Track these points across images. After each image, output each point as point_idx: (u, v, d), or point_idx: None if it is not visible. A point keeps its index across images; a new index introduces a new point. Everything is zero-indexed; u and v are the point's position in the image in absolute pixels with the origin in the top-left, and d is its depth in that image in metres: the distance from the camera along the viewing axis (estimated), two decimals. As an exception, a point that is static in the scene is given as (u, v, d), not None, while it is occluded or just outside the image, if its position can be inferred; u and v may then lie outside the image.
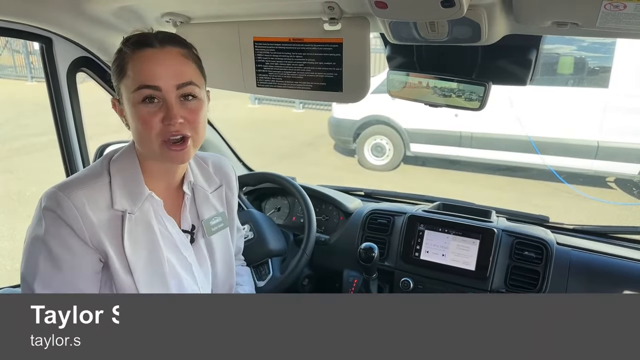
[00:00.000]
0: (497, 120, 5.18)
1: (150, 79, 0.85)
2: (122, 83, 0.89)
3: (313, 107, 9.39)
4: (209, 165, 1.10)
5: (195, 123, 0.89)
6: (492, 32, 0.99)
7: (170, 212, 0.99)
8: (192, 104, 0.89)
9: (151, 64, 0.86)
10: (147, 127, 0.86)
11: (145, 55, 0.87)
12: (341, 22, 1.12)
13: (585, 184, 5.14)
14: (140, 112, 0.86)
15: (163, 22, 1.30)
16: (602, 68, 5.02)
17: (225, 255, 1.09)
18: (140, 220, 0.92)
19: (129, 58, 0.87)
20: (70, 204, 0.85)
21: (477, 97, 1.14)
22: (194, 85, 0.89)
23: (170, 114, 0.85)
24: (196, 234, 1.03)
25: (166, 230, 0.97)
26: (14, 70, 12.64)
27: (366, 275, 1.49)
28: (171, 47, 0.89)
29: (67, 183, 0.89)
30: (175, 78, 0.87)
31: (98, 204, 0.88)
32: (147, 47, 0.87)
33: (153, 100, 0.86)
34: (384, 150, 5.97)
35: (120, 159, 0.95)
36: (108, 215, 0.89)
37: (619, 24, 0.83)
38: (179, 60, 0.89)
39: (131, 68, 0.87)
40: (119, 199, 0.90)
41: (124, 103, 0.90)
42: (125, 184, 0.92)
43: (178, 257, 0.98)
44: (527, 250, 1.43)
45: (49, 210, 0.86)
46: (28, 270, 0.88)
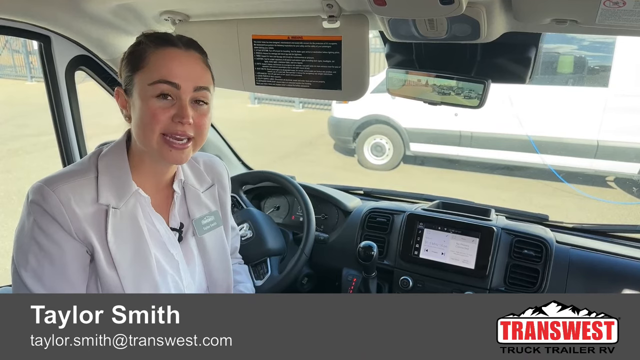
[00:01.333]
0: (497, 120, 5.18)
1: (172, 76, 0.88)
2: (138, 74, 0.90)
3: (313, 107, 9.39)
4: (200, 164, 1.11)
5: (201, 127, 0.92)
6: (491, 29, 0.99)
7: (159, 209, 0.99)
8: (202, 109, 0.92)
9: (175, 62, 0.89)
10: (154, 121, 0.87)
11: (169, 53, 0.89)
12: (340, 20, 1.12)
13: (585, 183, 5.14)
14: (152, 106, 0.87)
15: (162, 20, 1.30)
16: (601, 67, 5.02)
17: (220, 255, 1.09)
18: (126, 216, 0.92)
19: (152, 52, 0.89)
20: (55, 198, 0.86)
21: (476, 94, 1.14)
22: (208, 91, 0.93)
23: (183, 113, 0.88)
24: (185, 232, 1.03)
25: (153, 227, 0.97)
26: (14, 70, 12.63)
27: (365, 274, 1.49)
28: (194, 51, 0.93)
29: (53, 177, 0.90)
30: (195, 81, 0.90)
31: (83, 198, 0.89)
32: (172, 46, 0.90)
33: (167, 97, 0.88)
34: (384, 149, 5.97)
35: (109, 154, 0.95)
36: (93, 209, 0.89)
37: (619, 20, 0.83)
38: (200, 65, 0.93)
39: (153, 62, 0.89)
40: (105, 193, 0.91)
41: (134, 94, 0.90)
42: (112, 179, 0.92)
43: (165, 254, 0.98)
44: (526, 248, 1.43)
45: (35, 204, 0.87)
46: (19, 263, 0.89)
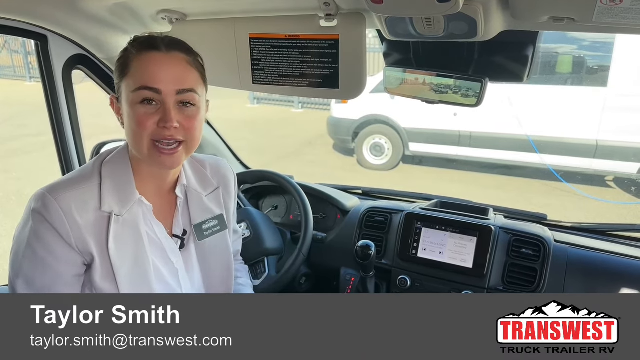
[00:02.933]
0: (496, 120, 5.18)
1: (152, 81, 0.86)
2: (124, 82, 0.89)
3: (312, 107, 9.39)
4: (206, 168, 1.09)
5: (190, 129, 0.90)
6: (489, 27, 0.98)
7: (160, 216, 0.99)
8: (189, 111, 0.90)
9: (155, 66, 0.87)
10: (141, 127, 0.86)
11: (150, 57, 0.87)
12: (337, 19, 1.11)
13: (584, 183, 5.14)
14: (137, 112, 0.86)
15: (159, 19, 1.30)
16: (600, 67, 5.03)
17: (221, 260, 1.07)
18: (128, 224, 0.92)
19: (134, 58, 0.88)
20: (57, 206, 0.86)
21: (473, 93, 1.14)
22: (194, 93, 0.90)
23: (166, 118, 0.86)
24: (187, 239, 1.02)
25: (154, 235, 0.97)
26: (13, 70, 12.64)
27: (363, 273, 1.49)
28: (177, 52, 0.89)
29: (56, 185, 0.89)
30: (177, 83, 0.87)
31: (86, 206, 0.88)
32: (153, 49, 0.88)
33: (151, 102, 0.87)
34: (383, 149, 5.97)
35: (113, 160, 0.95)
36: (95, 216, 0.89)
37: (616, 18, 0.83)
38: (183, 67, 0.89)
39: (134, 68, 0.87)
40: (108, 200, 0.90)
41: (122, 102, 0.90)
42: (115, 187, 0.92)
43: (165, 263, 0.98)
44: (524, 247, 1.43)
45: (36, 212, 0.87)
46: (13, 268, 0.89)
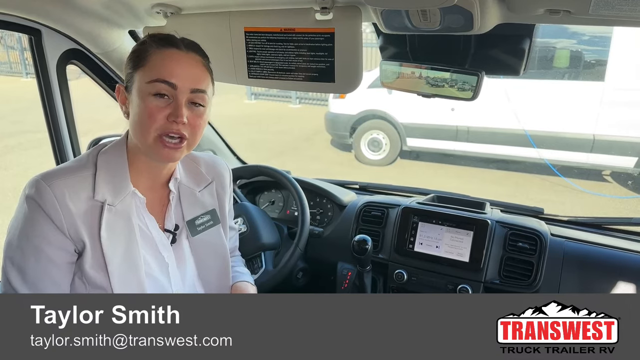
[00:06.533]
0: (494, 114, 5.18)
1: (169, 76, 0.89)
2: (138, 72, 0.91)
3: (310, 102, 9.36)
4: (200, 164, 1.10)
5: (196, 127, 0.93)
6: (485, 20, 0.98)
7: (153, 210, 1.00)
8: (198, 110, 0.93)
9: (174, 62, 0.91)
10: (150, 119, 0.89)
11: (170, 54, 0.91)
12: (333, 12, 1.11)
13: (581, 178, 5.15)
14: (149, 104, 0.89)
15: (153, 13, 1.29)
16: (598, 61, 5.02)
17: (216, 255, 1.08)
18: (120, 214, 0.93)
19: (153, 51, 0.91)
20: (50, 193, 0.87)
21: (470, 87, 1.14)
22: (205, 94, 0.94)
23: (177, 112, 0.89)
24: (179, 234, 1.03)
25: (146, 228, 0.97)
26: (9, 66, 12.56)
27: (360, 268, 1.49)
28: (194, 54, 0.94)
29: (51, 172, 0.90)
30: (192, 82, 0.91)
31: (79, 194, 0.89)
32: (173, 47, 0.92)
33: (164, 96, 0.89)
34: (381, 145, 5.97)
35: (109, 152, 0.96)
36: (88, 205, 0.90)
37: (612, 10, 0.83)
38: (200, 68, 0.94)
39: (153, 61, 0.90)
40: (101, 190, 0.91)
41: (133, 91, 0.92)
42: (109, 177, 0.93)
43: (156, 256, 0.98)
44: (521, 241, 1.43)
45: (30, 198, 0.88)
46: (6, 255, 0.90)
